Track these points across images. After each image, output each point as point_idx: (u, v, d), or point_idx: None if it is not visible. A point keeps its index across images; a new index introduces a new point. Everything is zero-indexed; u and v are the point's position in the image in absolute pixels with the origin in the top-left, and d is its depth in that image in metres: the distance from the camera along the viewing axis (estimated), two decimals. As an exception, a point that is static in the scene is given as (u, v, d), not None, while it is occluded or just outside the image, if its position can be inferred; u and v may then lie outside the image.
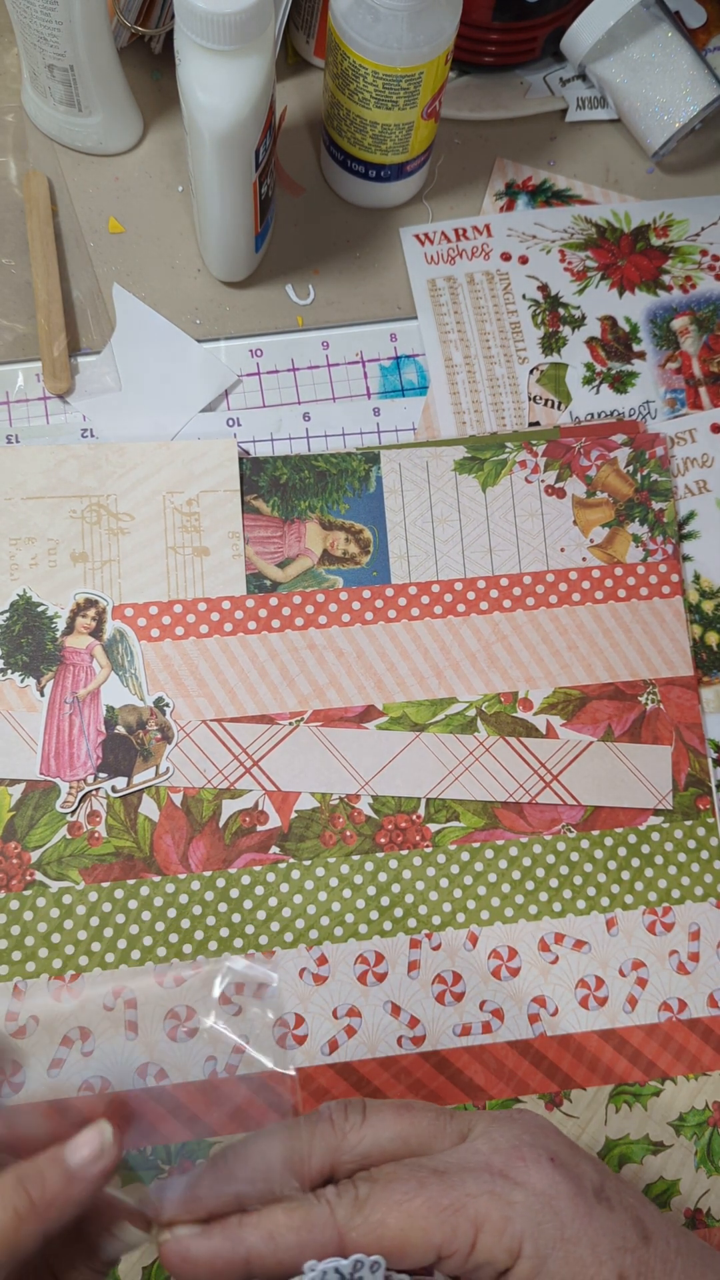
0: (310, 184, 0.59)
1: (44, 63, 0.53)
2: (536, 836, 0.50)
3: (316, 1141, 0.34)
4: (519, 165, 0.61)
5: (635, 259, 0.59)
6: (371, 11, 0.48)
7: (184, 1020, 0.47)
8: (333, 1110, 0.34)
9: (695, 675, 0.53)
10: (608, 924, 0.50)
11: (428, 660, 0.52)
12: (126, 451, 0.53)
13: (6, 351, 0.55)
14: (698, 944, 0.50)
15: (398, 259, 0.59)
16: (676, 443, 0.56)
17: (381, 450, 0.55)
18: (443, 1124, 0.35)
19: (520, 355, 0.57)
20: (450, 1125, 0.35)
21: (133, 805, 0.49)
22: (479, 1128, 0.34)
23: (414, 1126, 0.34)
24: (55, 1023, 0.46)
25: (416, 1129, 0.34)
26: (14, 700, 0.50)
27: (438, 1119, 0.35)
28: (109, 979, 0.47)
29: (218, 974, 0.38)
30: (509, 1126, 0.34)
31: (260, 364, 0.56)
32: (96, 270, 0.57)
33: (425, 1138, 0.34)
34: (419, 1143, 0.34)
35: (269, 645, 0.52)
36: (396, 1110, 0.35)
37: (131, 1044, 0.47)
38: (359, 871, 0.49)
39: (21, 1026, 0.46)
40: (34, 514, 0.52)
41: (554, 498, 0.55)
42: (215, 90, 0.45)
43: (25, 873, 0.48)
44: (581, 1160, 0.34)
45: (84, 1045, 0.46)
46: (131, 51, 0.59)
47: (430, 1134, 0.34)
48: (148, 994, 0.47)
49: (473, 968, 0.49)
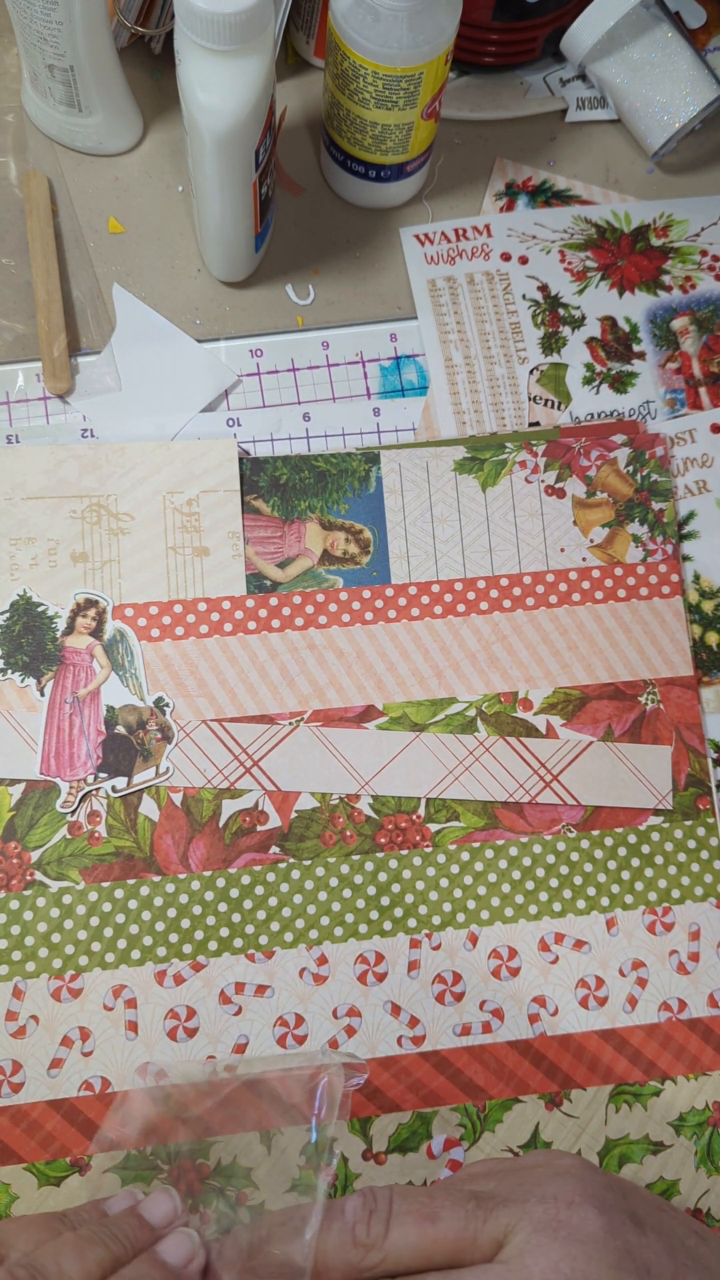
0: (310, 184, 0.59)
1: (44, 63, 0.53)
2: (536, 836, 0.50)
3: (337, 1255, 0.33)
4: (519, 165, 0.61)
5: (635, 259, 0.60)
6: (371, 11, 0.48)
7: (183, 1020, 0.47)
8: (356, 1219, 0.33)
9: (695, 675, 0.53)
10: (608, 924, 0.50)
11: (428, 660, 0.52)
12: (126, 451, 0.53)
13: (6, 351, 0.55)
14: (698, 944, 0.50)
15: (398, 259, 0.59)
16: (676, 443, 0.56)
17: (381, 450, 0.55)
18: (474, 1231, 0.32)
19: (520, 355, 0.57)
20: (483, 1232, 0.32)
21: (133, 805, 0.49)
22: (515, 1241, 0.32)
23: (439, 1244, 0.32)
24: (55, 1023, 0.46)
25: (441, 1246, 0.32)
26: (14, 700, 0.50)
27: (467, 1226, 0.32)
28: (234, 1061, 0.45)
29: (319, 1085, 0.38)
30: (548, 1247, 0.31)
31: (260, 364, 0.56)
32: (96, 270, 0.57)
33: (451, 1252, 0.32)
34: (444, 1258, 0.32)
35: (269, 645, 0.52)
36: (421, 1221, 0.33)
37: (131, 1044, 0.47)
38: (359, 871, 0.49)
39: (21, 1027, 0.46)
40: (34, 514, 0.52)
41: (554, 498, 0.55)
42: (215, 90, 0.45)
43: (25, 873, 0.48)
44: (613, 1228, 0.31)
45: (84, 1045, 0.46)
46: (131, 51, 0.59)
47: (456, 1247, 0.32)
48: (148, 994, 0.47)
49: (473, 968, 0.49)
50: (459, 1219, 0.32)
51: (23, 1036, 0.46)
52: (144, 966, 0.47)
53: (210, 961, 0.48)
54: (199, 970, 0.48)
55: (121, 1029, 0.47)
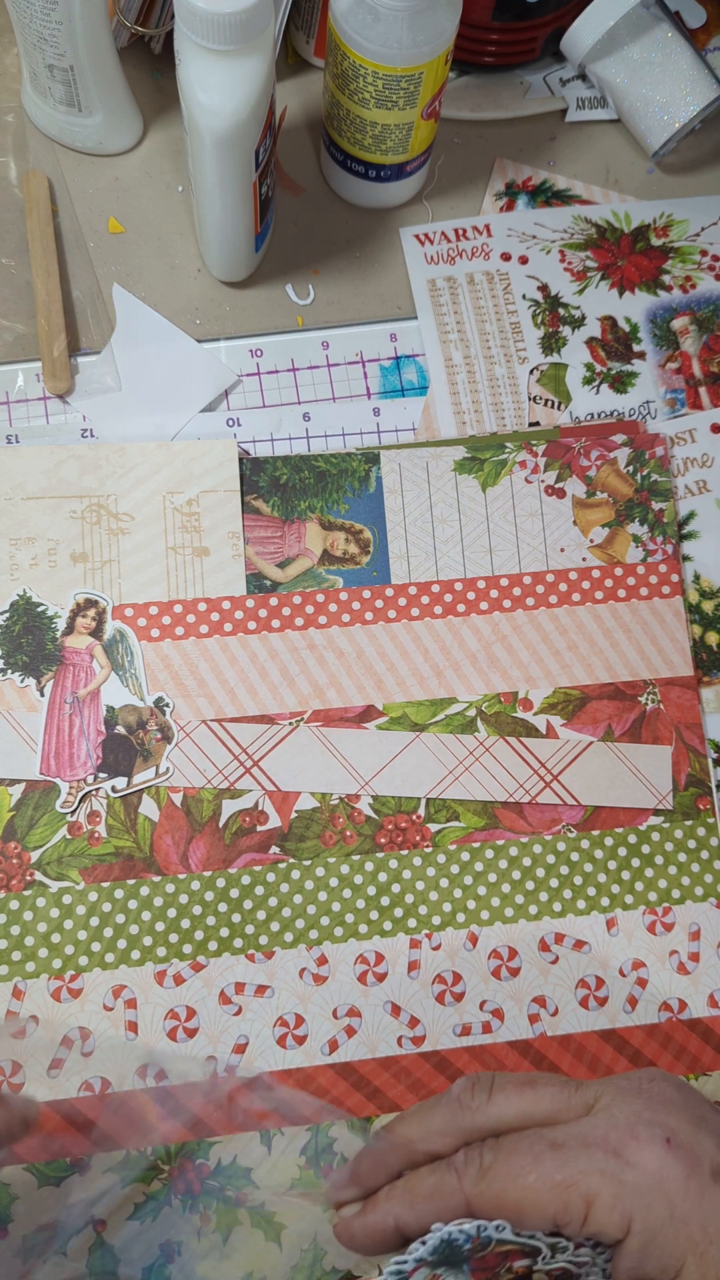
0: (310, 184, 0.59)
1: (44, 63, 0.53)
2: (536, 836, 0.50)
3: (447, 1122, 0.36)
4: (519, 165, 0.61)
5: (635, 259, 0.59)
6: (371, 11, 0.48)
7: (183, 1020, 0.47)
8: (461, 1090, 0.37)
9: (695, 675, 0.53)
10: (608, 924, 0.50)
11: (428, 660, 0.52)
12: (126, 451, 0.53)
13: (6, 351, 0.55)
14: (698, 944, 0.50)
15: (398, 259, 0.59)
16: (676, 443, 0.56)
17: (381, 450, 0.55)
18: (567, 1096, 0.36)
19: (520, 355, 0.57)
20: (575, 1097, 0.36)
21: (133, 805, 0.49)
22: (604, 1099, 0.35)
23: (537, 1104, 0.36)
24: (55, 1023, 0.46)
25: (540, 1105, 0.36)
26: (14, 700, 0.50)
27: (561, 1092, 0.36)
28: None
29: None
30: (632, 1101, 0.35)
31: (260, 364, 0.56)
32: (96, 270, 0.57)
33: (549, 1112, 0.36)
34: (543, 1117, 0.36)
35: (269, 645, 0.52)
36: (520, 1087, 0.36)
37: (131, 1044, 0.47)
38: (359, 871, 0.49)
39: (21, 1027, 0.46)
40: (34, 514, 0.52)
41: (554, 498, 0.55)
42: (215, 90, 0.45)
43: (25, 873, 0.48)
44: (704, 1137, 0.35)
45: (84, 1045, 0.46)
46: (131, 51, 0.59)
47: (553, 1109, 0.36)
48: (148, 994, 0.47)
49: (473, 968, 0.49)
50: (554, 1086, 0.36)
51: (23, 1036, 0.46)
52: (144, 966, 0.47)
53: (210, 961, 0.48)
54: (199, 970, 0.48)
55: (121, 1029, 0.47)
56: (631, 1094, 0.36)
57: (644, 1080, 0.37)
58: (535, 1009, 0.48)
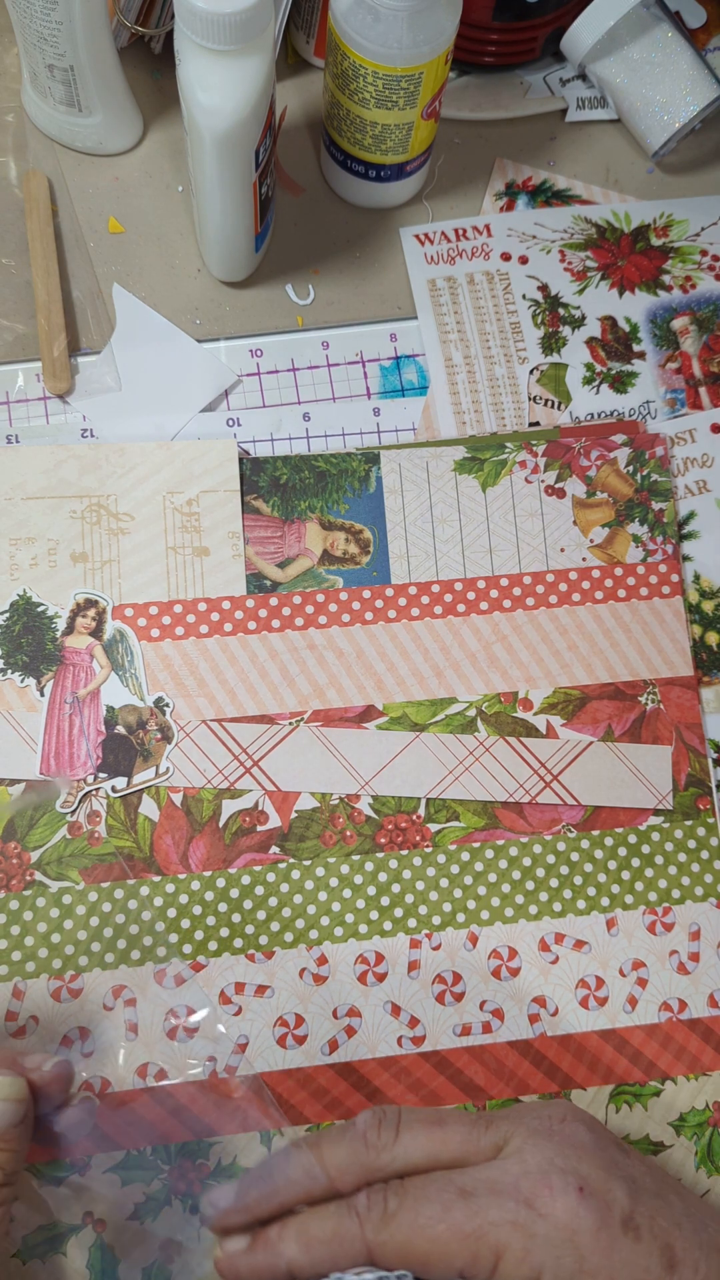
0: (310, 184, 0.59)
1: (44, 63, 0.53)
2: (536, 836, 0.50)
3: (350, 1159, 0.35)
4: (519, 165, 0.61)
5: (635, 259, 0.60)
6: (371, 11, 0.48)
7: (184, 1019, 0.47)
8: (367, 1126, 0.35)
9: (695, 675, 0.53)
10: (608, 924, 0.50)
11: (428, 660, 0.52)
12: (126, 451, 0.53)
13: (6, 351, 0.55)
14: (698, 944, 0.50)
15: (398, 259, 0.59)
16: (676, 443, 0.56)
17: (381, 450, 0.55)
18: (476, 1137, 0.35)
19: (520, 355, 0.57)
20: (485, 1137, 0.35)
21: (133, 805, 0.49)
22: (514, 1141, 0.34)
23: (445, 1144, 0.35)
24: (55, 1023, 0.46)
25: (448, 1146, 0.34)
26: (14, 700, 0.50)
27: (471, 1132, 0.35)
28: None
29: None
30: (544, 1146, 0.34)
31: (260, 364, 0.56)
32: (96, 270, 0.57)
33: (457, 1154, 0.34)
34: (451, 1159, 0.34)
35: (269, 645, 0.52)
36: (429, 1126, 0.35)
37: (131, 1044, 0.47)
38: (359, 871, 0.49)
39: (21, 1027, 0.46)
40: (34, 514, 0.52)
41: (554, 498, 0.55)
42: (215, 90, 0.45)
43: (25, 873, 0.48)
44: (615, 1184, 0.34)
45: (84, 1045, 0.46)
46: (131, 51, 0.59)
47: (462, 1150, 0.34)
48: (147, 994, 0.47)
49: (473, 968, 0.49)
50: (463, 1125, 0.35)
51: (23, 1036, 0.46)
52: (144, 966, 0.47)
53: (210, 961, 0.48)
54: (199, 970, 0.48)
55: (121, 1029, 0.47)
56: (543, 1136, 0.35)
57: (555, 1120, 0.35)
58: (535, 1009, 0.48)
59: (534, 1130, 0.35)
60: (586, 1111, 0.37)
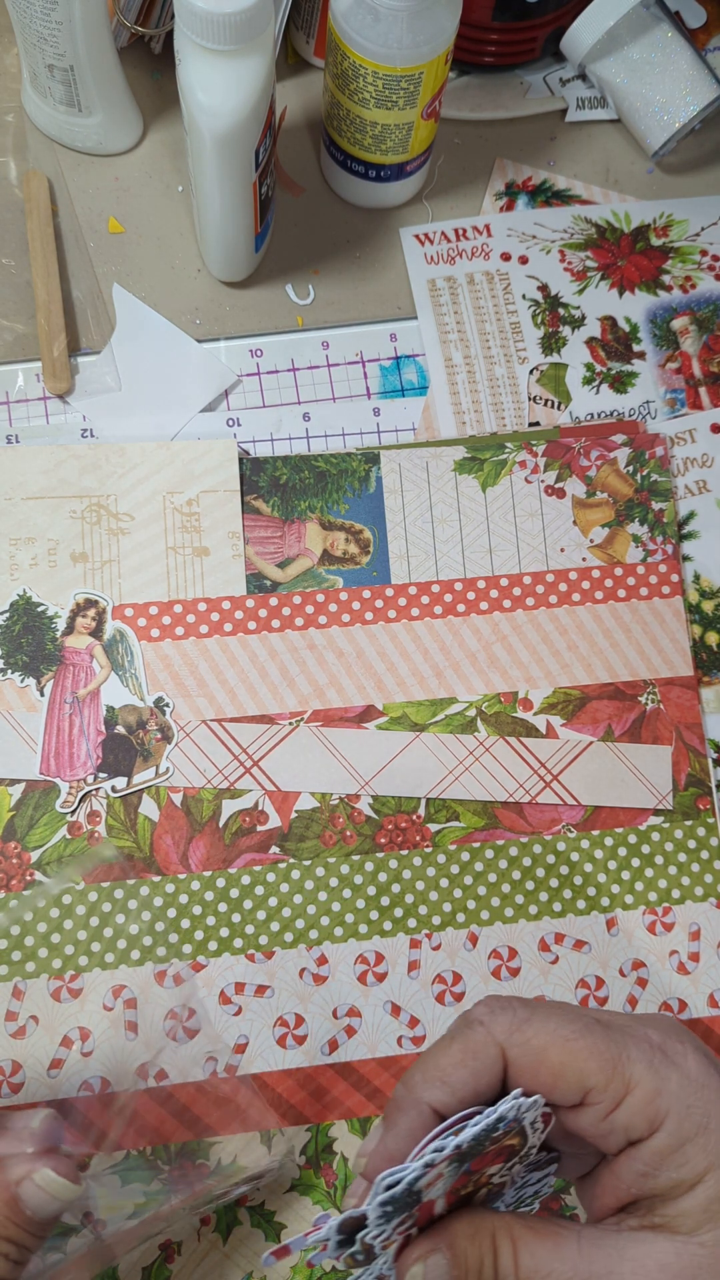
0: (310, 184, 0.59)
1: (44, 63, 0.53)
2: (536, 836, 0.50)
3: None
4: (519, 165, 0.61)
5: (635, 259, 0.60)
6: (371, 11, 0.48)
7: (184, 1019, 0.47)
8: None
9: (695, 675, 0.53)
10: (608, 924, 0.50)
11: (428, 660, 0.52)
12: (126, 451, 0.53)
13: (6, 351, 0.55)
14: (698, 944, 0.50)
15: (398, 259, 0.59)
16: (676, 443, 0.56)
17: (381, 450, 0.55)
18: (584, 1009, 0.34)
19: (520, 355, 0.57)
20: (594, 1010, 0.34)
21: (133, 805, 0.49)
22: (622, 1016, 0.34)
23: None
24: (55, 1023, 0.46)
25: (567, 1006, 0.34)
26: (14, 700, 0.50)
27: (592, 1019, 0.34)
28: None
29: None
30: (658, 1020, 0.34)
31: (260, 364, 0.56)
32: (96, 270, 0.57)
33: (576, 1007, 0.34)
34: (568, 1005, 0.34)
35: (269, 645, 0.52)
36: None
37: (131, 1044, 0.47)
38: (359, 871, 0.49)
39: (21, 1027, 0.46)
40: (34, 514, 0.52)
41: (554, 498, 0.55)
42: (215, 90, 0.45)
43: (25, 873, 0.48)
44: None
45: (84, 1045, 0.46)
46: (131, 51, 0.59)
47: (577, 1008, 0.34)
48: (148, 994, 0.47)
49: (473, 968, 0.49)
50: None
51: (23, 1037, 0.46)
52: (144, 966, 0.47)
53: (210, 961, 0.48)
54: (199, 970, 0.48)
55: (121, 1029, 0.47)
56: (652, 1017, 0.34)
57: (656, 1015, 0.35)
58: (535, 1009, 0.48)
59: (637, 1016, 0.34)
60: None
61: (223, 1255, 0.45)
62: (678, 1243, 0.30)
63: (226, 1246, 0.45)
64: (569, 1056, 0.31)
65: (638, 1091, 0.31)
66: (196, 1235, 0.45)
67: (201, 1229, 0.45)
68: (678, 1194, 0.31)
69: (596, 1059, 0.31)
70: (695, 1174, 0.31)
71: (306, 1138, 0.46)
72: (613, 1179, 0.32)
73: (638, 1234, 0.31)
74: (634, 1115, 0.31)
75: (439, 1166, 0.29)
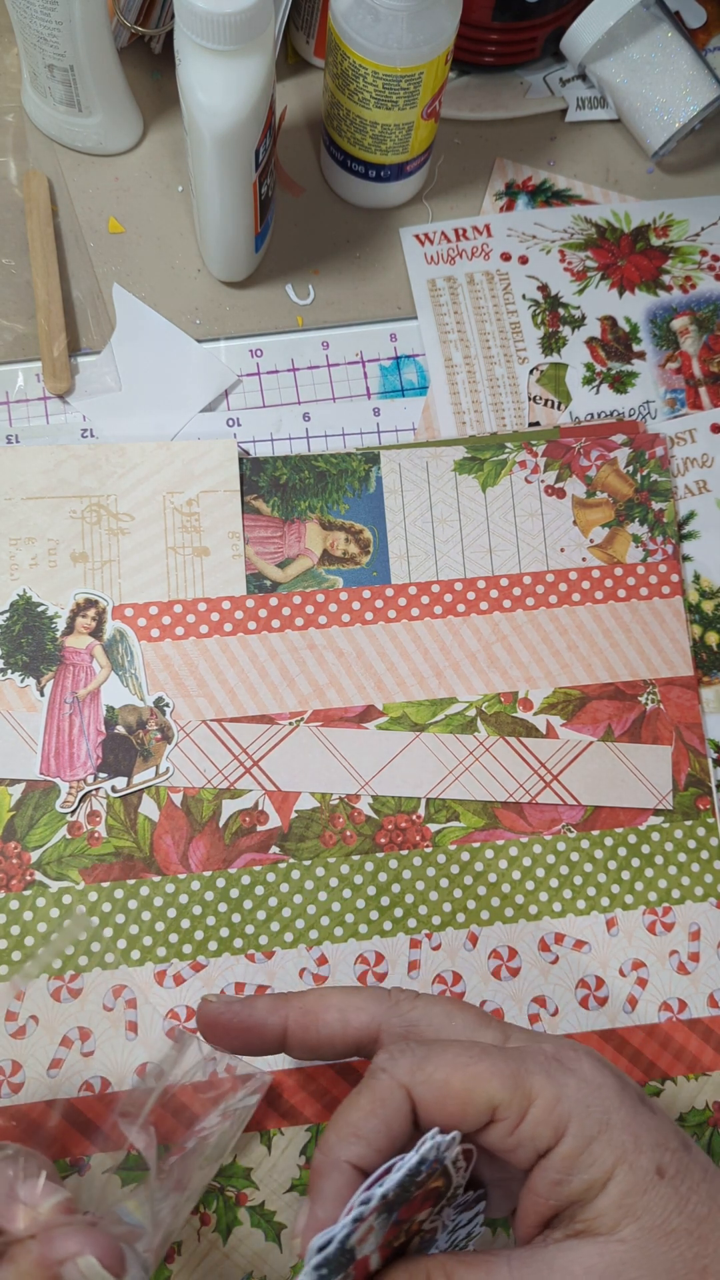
0: (310, 184, 0.59)
1: (44, 63, 0.53)
2: (536, 836, 0.50)
3: (370, 1001, 0.36)
4: (519, 165, 0.61)
5: (635, 259, 0.60)
6: (371, 11, 0.48)
7: (183, 1020, 0.47)
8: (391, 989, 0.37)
9: (695, 675, 0.53)
10: (608, 924, 0.50)
11: (428, 660, 0.52)
12: (126, 451, 0.53)
13: (6, 351, 0.55)
14: (698, 944, 0.50)
15: (398, 259, 0.59)
16: (676, 443, 0.56)
17: (381, 450, 0.55)
18: (485, 1020, 0.36)
19: (520, 355, 0.57)
20: (491, 1024, 0.35)
21: (133, 805, 0.49)
22: (517, 1034, 0.35)
23: (463, 1013, 0.35)
24: (55, 1023, 0.46)
25: (465, 1016, 0.35)
26: (14, 700, 0.50)
27: (481, 1015, 0.36)
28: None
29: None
30: (551, 1036, 0.35)
31: (260, 364, 0.56)
32: (96, 270, 0.57)
33: (472, 1026, 0.35)
34: (464, 1026, 0.35)
35: (269, 645, 0.52)
36: (445, 999, 0.36)
37: (131, 1044, 0.47)
38: (359, 871, 0.49)
39: (21, 1026, 0.46)
40: (34, 514, 0.52)
41: (554, 498, 0.55)
42: (215, 90, 0.45)
43: (25, 873, 0.48)
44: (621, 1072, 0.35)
45: (84, 1045, 0.46)
46: (131, 51, 0.59)
47: (476, 1024, 0.35)
48: (148, 994, 0.47)
49: (473, 968, 0.49)
50: (475, 1010, 0.36)
51: (23, 1036, 0.46)
52: (144, 966, 0.47)
53: (210, 962, 0.48)
54: (199, 970, 0.48)
55: (121, 1029, 0.47)
56: (544, 1035, 0.36)
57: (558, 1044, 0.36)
58: (535, 1009, 0.48)
59: (530, 1032, 0.36)
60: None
61: (223, 1255, 0.45)
62: (600, 1244, 0.31)
63: (226, 1246, 0.45)
64: (471, 1080, 0.32)
65: (539, 1101, 0.32)
66: (197, 1235, 0.45)
67: (201, 1229, 0.45)
68: (592, 1195, 0.31)
69: (498, 1076, 0.32)
70: (605, 1171, 0.31)
71: (306, 1138, 0.46)
72: (531, 1196, 0.33)
73: (563, 1244, 0.32)
74: (539, 1125, 0.32)
75: (369, 1220, 0.30)
